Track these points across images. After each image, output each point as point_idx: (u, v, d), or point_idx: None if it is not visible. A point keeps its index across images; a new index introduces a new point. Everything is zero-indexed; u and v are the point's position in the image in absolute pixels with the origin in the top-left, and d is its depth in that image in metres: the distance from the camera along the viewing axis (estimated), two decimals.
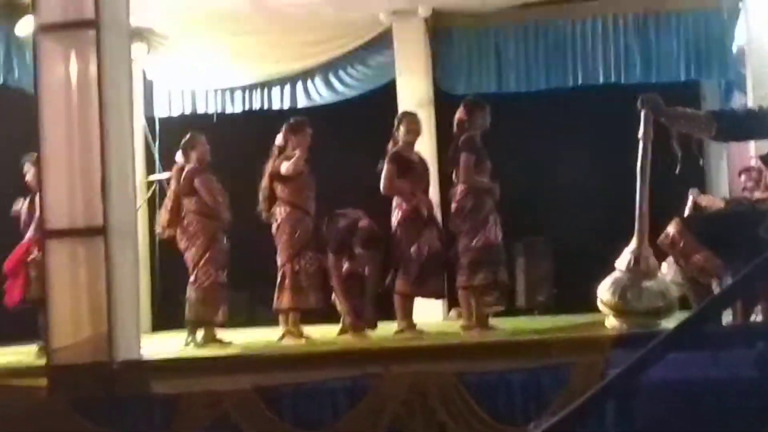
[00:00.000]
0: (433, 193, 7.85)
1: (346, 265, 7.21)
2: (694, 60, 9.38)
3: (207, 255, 7.25)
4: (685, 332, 3.32)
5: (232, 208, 7.49)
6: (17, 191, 7.83)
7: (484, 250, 6.86)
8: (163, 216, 7.56)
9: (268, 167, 7.34)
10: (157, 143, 10.13)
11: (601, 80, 9.59)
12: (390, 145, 7.24)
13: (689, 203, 7.40)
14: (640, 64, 9.46)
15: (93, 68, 5.78)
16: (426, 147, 8.21)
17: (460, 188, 7.01)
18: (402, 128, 7.21)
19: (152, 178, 9.92)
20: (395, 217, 7.09)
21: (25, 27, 8.69)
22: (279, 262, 7.26)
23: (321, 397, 5.40)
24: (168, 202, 7.53)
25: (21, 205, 7.64)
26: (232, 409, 5.39)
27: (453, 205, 7.04)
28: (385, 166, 7.07)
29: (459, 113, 7.13)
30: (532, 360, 5.32)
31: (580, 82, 9.64)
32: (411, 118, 7.32)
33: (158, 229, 7.68)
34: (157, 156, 10.06)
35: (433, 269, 7.01)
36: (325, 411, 5.39)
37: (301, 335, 7.19)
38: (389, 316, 7.21)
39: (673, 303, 6.00)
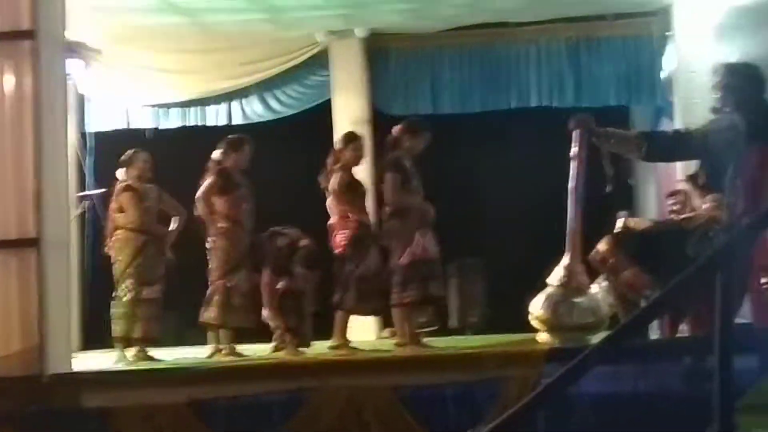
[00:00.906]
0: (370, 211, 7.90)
1: (282, 283, 7.21)
2: (624, 86, 9.61)
3: (129, 269, 7.21)
4: (613, 345, 3.42)
5: (164, 223, 7.46)
6: None
7: (411, 266, 6.92)
8: (107, 235, 7.52)
9: (207, 183, 7.32)
10: (89, 158, 10.01)
11: (534, 103, 9.76)
12: (330, 162, 7.26)
13: (619, 226, 7.56)
14: (572, 89, 9.66)
15: (29, 80, 5.74)
16: (362, 166, 8.26)
17: (386, 208, 7.09)
18: (350, 149, 7.26)
19: (83, 194, 9.80)
20: (341, 234, 7.11)
21: None
22: (210, 278, 7.24)
23: (256, 410, 5.39)
24: (108, 221, 7.51)
25: None
26: (166, 422, 5.36)
27: (382, 225, 7.13)
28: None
29: (394, 132, 7.22)
30: (466, 373, 5.39)
31: (513, 105, 9.80)
32: (359, 142, 7.39)
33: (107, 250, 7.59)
34: (88, 171, 9.95)
35: (377, 287, 7.09)
36: (261, 424, 5.38)
37: (233, 352, 7.17)
38: (321, 335, 7.24)
39: (603, 319, 6.14)
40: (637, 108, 10.11)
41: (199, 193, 7.27)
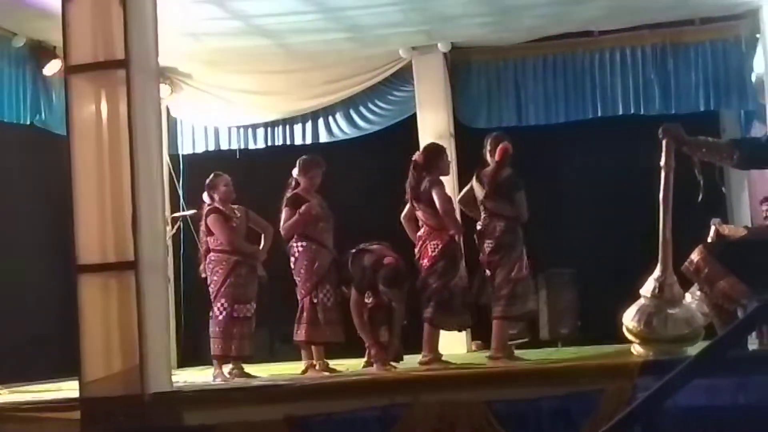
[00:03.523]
0: None
1: (371, 299, 7.27)
2: (713, 91, 9.44)
3: (222, 289, 7.38)
4: (710, 358, 3.37)
5: (254, 242, 7.59)
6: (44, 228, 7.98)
7: (520, 281, 6.98)
8: (201, 258, 7.71)
9: (286, 201, 7.45)
10: (181, 180, 10.26)
11: (621, 112, 9.66)
12: (414, 175, 7.26)
13: (712, 233, 7.44)
14: (659, 96, 9.53)
15: (123, 107, 5.87)
16: (447, 179, 8.27)
17: (500, 223, 7.08)
18: (440, 161, 7.30)
19: (177, 215, 10.04)
20: (432, 245, 7.13)
21: (53, 68, 8.89)
22: (299, 296, 7.35)
23: (351, 426, 5.43)
24: (201, 245, 7.70)
25: None
26: None
27: (489, 240, 7.10)
28: (439, 192, 7.10)
29: (503, 145, 7.18)
30: (561, 387, 5.34)
31: (599, 114, 9.72)
32: (446, 153, 7.48)
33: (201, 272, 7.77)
34: (181, 192, 10.20)
35: (463, 301, 7.11)
36: None
37: (326, 368, 7.26)
38: (412, 350, 7.27)
39: (698, 330, 6.02)
40: (727, 112, 9.92)
41: (283, 228, 7.36)
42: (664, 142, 5.94)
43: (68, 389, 6.23)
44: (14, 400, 6.40)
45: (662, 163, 5.95)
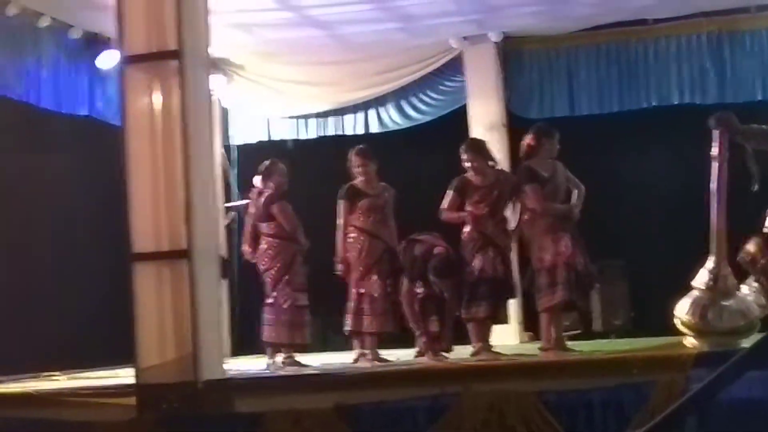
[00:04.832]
0: None
1: (422, 289, 7.27)
2: None
3: (286, 277, 7.42)
4: (765, 349, 3.32)
5: (306, 233, 7.64)
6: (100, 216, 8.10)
7: (557, 270, 6.89)
8: (245, 240, 7.74)
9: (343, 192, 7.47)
10: (234, 170, 10.35)
11: (676, 101, 9.55)
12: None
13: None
14: (714, 84, 9.41)
15: (176, 97, 5.93)
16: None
17: (525, 215, 7.05)
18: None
19: (230, 205, 10.14)
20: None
21: (106, 60, 9.01)
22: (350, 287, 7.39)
23: (401, 415, 5.45)
24: (248, 227, 7.72)
25: None
26: (314, 427, 5.47)
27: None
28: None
29: (527, 139, 7.18)
30: (612, 378, 5.30)
31: (653, 103, 9.62)
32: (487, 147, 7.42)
33: (245, 254, 7.82)
34: (234, 183, 10.29)
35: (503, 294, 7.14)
36: (405, 430, 5.44)
37: (377, 357, 7.28)
38: (463, 341, 7.26)
39: (754, 322, 5.94)
40: None
41: (339, 221, 7.39)
42: (715, 132, 5.86)
43: (125, 376, 6.33)
44: (73, 385, 6.51)
45: (714, 153, 5.87)
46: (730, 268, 5.97)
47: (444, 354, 7.09)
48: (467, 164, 7.19)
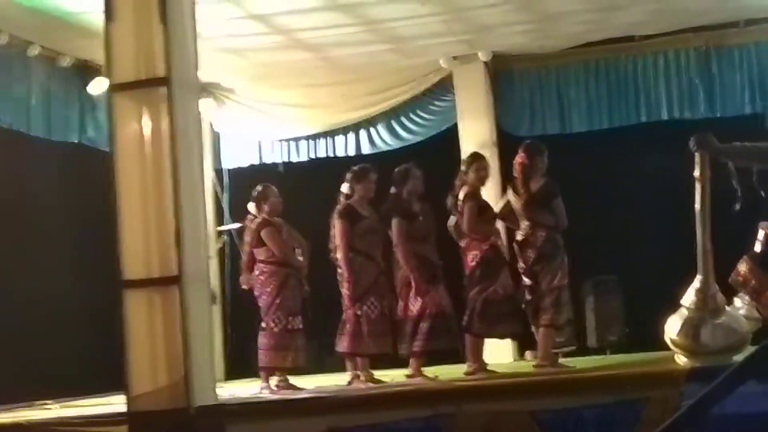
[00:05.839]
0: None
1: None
2: (758, 92, 9.33)
3: (277, 301, 7.41)
4: (756, 363, 3.32)
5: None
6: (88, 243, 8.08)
7: (564, 289, 7.00)
8: (243, 268, 7.75)
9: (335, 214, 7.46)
10: (226, 194, 10.35)
11: (665, 116, 9.58)
12: (458, 184, 7.31)
13: (761, 236, 7.31)
14: (703, 99, 9.44)
15: (165, 124, 5.91)
16: (491, 189, 8.27)
17: (541, 233, 7.04)
18: (473, 170, 7.29)
19: (222, 228, 10.14)
20: (472, 257, 7.14)
21: (97, 87, 9.02)
22: (343, 307, 7.36)
23: None
24: (244, 255, 7.73)
25: None
26: None
27: (531, 250, 7.09)
28: (466, 207, 7.13)
29: (519, 158, 7.22)
30: (606, 395, 5.29)
31: (643, 119, 9.64)
32: (481, 161, 7.41)
33: (242, 283, 7.82)
34: (225, 206, 10.28)
35: (507, 310, 7.08)
36: None
37: (371, 379, 7.25)
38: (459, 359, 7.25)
39: (745, 337, 5.94)
40: None
41: (337, 243, 7.37)
42: (697, 154, 5.88)
43: (116, 403, 6.30)
44: (64, 414, 6.48)
45: (696, 174, 5.89)
46: (724, 287, 5.97)
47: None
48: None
